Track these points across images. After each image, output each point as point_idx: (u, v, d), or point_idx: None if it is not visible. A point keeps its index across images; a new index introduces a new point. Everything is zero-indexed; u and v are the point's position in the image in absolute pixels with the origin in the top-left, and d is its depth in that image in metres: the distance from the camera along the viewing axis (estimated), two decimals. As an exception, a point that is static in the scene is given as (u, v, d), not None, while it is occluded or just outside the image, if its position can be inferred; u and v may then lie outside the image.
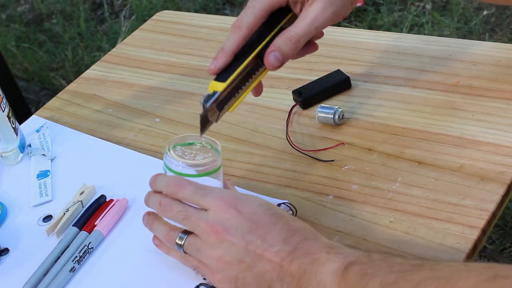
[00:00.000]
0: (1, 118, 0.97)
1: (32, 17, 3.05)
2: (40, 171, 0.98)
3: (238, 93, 0.80)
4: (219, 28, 1.21)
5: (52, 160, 1.00)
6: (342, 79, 1.00)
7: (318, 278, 0.66)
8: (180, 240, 0.74)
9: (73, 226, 0.87)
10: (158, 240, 0.79)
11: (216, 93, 0.78)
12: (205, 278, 0.76)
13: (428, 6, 2.53)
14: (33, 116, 1.11)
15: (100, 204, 0.89)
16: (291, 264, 0.68)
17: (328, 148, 0.91)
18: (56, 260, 0.84)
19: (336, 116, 0.93)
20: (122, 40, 1.65)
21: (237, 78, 0.79)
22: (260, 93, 0.86)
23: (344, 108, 0.94)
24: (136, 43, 1.24)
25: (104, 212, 0.87)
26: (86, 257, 0.84)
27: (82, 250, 0.83)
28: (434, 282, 0.60)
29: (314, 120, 0.95)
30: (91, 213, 0.88)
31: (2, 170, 1.01)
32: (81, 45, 2.78)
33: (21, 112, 2.03)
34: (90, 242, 0.84)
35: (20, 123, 1.05)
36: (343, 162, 0.89)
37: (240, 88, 0.80)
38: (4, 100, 0.98)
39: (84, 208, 0.90)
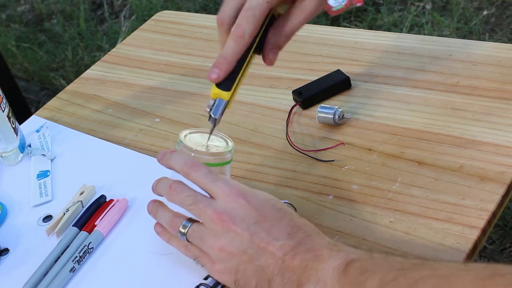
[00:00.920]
0: (1, 118, 0.97)
1: (32, 17, 3.05)
2: (40, 171, 0.98)
3: (235, 90, 0.81)
4: (219, 28, 1.21)
5: (52, 160, 1.00)
6: (342, 79, 1.00)
7: (318, 274, 0.66)
8: (184, 228, 0.74)
9: (73, 226, 0.87)
10: (160, 228, 0.78)
11: (222, 101, 0.79)
12: (206, 279, 0.76)
13: (428, 6, 2.53)
14: (33, 116, 1.11)
15: (100, 204, 0.89)
16: (293, 259, 0.68)
17: (328, 148, 0.91)
18: (56, 260, 0.84)
19: (336, 116, 0.93)
20: (122, 40, 1.65)
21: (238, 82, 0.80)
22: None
23: (344, 108, 0.95)
24: (136, 43, 1.24)
25: (104, 212, 0.87)
26: (86, 257, 0.84)
27: (82, 250, 0.83)
28: (433, 280, 0.60)
29: (314, 120, 0.95)
30: (91, 213, 0.88)
31: (2, 170, 1.01)
32: (81, 45, 2.78)
33: (21, 112, 2.03)
34: (90, 242, 0.84)
35: (20, 123, 1.05)
36: (343, 162, 0.89)
37: (237, 85, 0.81)
38: (4, 100, 0.98)
39: (84, 208, 0.90)
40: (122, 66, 1.18)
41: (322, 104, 0.96)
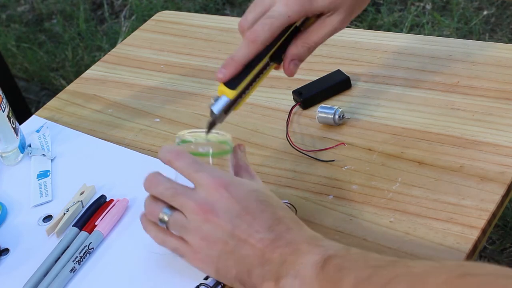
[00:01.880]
0: (1, 118, 0.97)
1: (32, 17, 3.05)
2: (40, 171, 0.98)
3: (245, 93, 0.80)
4: (219, 28, 1.21)
5: (52, 160, 1.00)
6: (342, 79, 1.00)
7: (297, 268, 0.67)
8: (165, 216, 0.74)
9: (73, 226, 0.87)
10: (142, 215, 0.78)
11: (226, 99, 0.78)
12: (206, 279, 0.76)
13: (428, 6, 2.53)
14: (33, 116, 1.11)
15: (100, 204, 0.89)
16: (273, 252, 0.69)
17: (328, 148, 0.91)
18: (56, 260, 0.84)
19: (336, 116, 0.93)
20: (122, 40, 1.65)
21: (247, 84, 0.80)
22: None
23: (344, 108, 0.95)
24: (136, 43, 1.24)
25: (105, 212, 0.87)
26: (86, 257, 0.84)
27: (82, 250, 0.83)
28: (406, 278, 0.61)
29: (314, 120, 0.95)
30: (91, 213, 0.88)
31: (2, 170, 1.01)
32: (81, 45, 2.78)
33: (21, 112, 2.03)
34: (91, 243, 0.84)
35: (20, 123, 1.05)
36: (343, 162, 0.89)
37: (247, 89, 0.80)
38: (4, 100, 0.98)
39: (84, 208, 0.90)
40: (122, 66, 1.18)
41: (322, 104, 0.96)
